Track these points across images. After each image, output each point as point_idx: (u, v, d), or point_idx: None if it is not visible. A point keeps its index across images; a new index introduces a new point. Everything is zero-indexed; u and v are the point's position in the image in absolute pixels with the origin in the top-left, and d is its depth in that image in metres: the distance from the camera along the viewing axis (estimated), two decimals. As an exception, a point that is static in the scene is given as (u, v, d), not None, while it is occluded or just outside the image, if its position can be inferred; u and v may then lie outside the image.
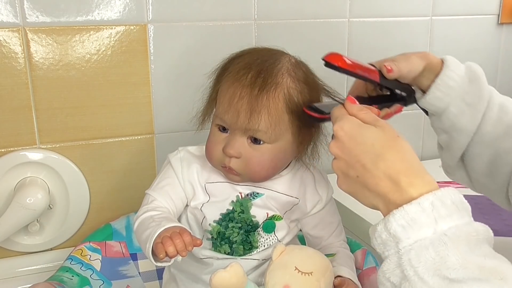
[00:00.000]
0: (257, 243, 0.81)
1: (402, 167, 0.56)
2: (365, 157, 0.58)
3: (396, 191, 0.55)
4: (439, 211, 0.52)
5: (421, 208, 0.52)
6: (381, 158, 0.56)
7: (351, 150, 0.59)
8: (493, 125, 0.77)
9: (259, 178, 0.79)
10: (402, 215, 0.53)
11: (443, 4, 1.34)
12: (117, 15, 1.03)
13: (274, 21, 1.16)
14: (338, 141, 0.61)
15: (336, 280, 0.77)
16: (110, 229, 1.03)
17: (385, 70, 0.73)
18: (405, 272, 0.51)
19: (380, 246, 0.55)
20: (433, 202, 0.53)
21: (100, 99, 1.06)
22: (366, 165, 0.57)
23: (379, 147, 0.57)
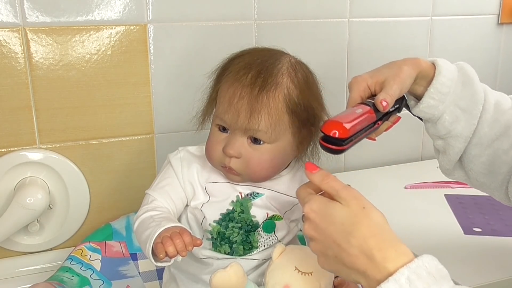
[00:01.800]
0: (257, 243, 0.81)
1: (373, 241, 0.56)
2: (338, 236, 0.58)
3: (373, 267, 0.55)
4: (416, 286, 0.52)
5: (398, 285, 0.52)
6: (352, 235, 0.57)
7: (324, 230, 0.60)
8: (489, 126, 0.77)
9: (259, 178, 0.79)
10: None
11: (443, 4, 1.34)
12: (117, 15, 1.03)
13: (274, 21, 1.17)
14: (312, 223, 0.61)
15: (336, 280, 0.77)
16: (110, 229, 1.03)
17: (381, 107, 0.71)
18: None
19: None
20: (408, 276, 0.53)
21: (100, 99, 1.06)
22: (340, 244, 0.58)
23: (348, 225, 0.58)
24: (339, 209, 0.59)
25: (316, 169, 0.64)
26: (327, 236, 0.59)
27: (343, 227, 0.58)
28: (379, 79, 0.74)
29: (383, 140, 0.71)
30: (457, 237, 0.99)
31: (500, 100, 0.78)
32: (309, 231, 0.62)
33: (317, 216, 0.61)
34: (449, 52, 1.38)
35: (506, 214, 1.09)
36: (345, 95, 1.27)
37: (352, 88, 0.75)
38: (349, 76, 1.27)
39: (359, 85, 0.74)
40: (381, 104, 0.71)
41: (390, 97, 0.72)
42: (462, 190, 1.22)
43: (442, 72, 0.75)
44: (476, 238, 0.99)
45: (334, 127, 0.63)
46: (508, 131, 0.76)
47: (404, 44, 1.32)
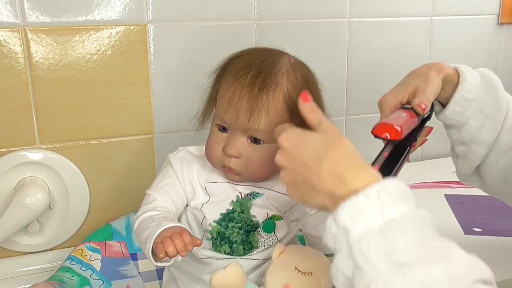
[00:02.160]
0: (257, 243, 0.81)
1: (345, 163, 0.57)
2: (310, 160, 0.58)
3: (342, 187, 0.56)
4: (385, 199, 0.53)
5: (368, 198, 0.53)
6: (325, 157, 0.57)
7: (296, 157, 0.60)
8: (508, 133, 0.77)
9: (259, 178, 0.79)
10: (350, 206, 0.53)
11: (443, 4, 1.34)
12: (117, 15, 1.03)
13: (274, 21, 1.17)
14: (284, 151, 0.61)
15: (336, 280, 0.77)
16: (110, 229, 1.03)
17: (420, 110, 0.72)
18: (357, 261, 0.52)
19: (331, 241, 0.56)
20: (378, 191, 0.53)
21: (100, 99, 1.06)
22: (311, 167, 0.58)
23: (321, 149, 0.58)
24: (316, 136, 0.60)
25: (309, 100, 0.64)
26: (298, 162, 0.59)
27: (316, 151, 0.58)
28: (409, 90, 0.75)
29: (383, 140, 0.71)
30: (457, 237, 0.98)
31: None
32: (280, 160, 0.62)
33: (291, 145, 0.61)
34: (449, 52, 1.38)
35: (506, 214, 1.09)
36: (345, 95, 1.27)
37: (383, 107, 0.76)
38: (349, 76, 1.27)
39: (390, 103, 0.75)
40: (419, 107, 0.71)
41: (426, 100, 0.72)
42: (462, 190, 1.22)
43: (467, 79, 0.76)
44: (476, 238, 0.99)
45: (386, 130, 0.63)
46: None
47: (404, 44, 1.32)
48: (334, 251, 0.56)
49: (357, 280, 0.52)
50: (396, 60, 1.32)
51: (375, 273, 0.51)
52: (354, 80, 1.28)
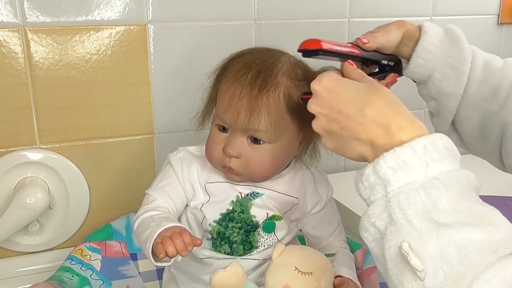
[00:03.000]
0: (257, 243, 0.81)
1: (390, 111, 0.54)
2: (348, 106, 0.55)
3: (385, 135, 0.53)
4: (431, 155, 0.51)
5: (413, 150, 0.51)
6: (367, 103, 0.54)
7: (331, 102, 0.57)
8: (478, 87, 0.77)
9: (259, 178, 0.79)
10: (393, 157, 0.51)
11: (443, 4, 1.34)
12: (117, 15, 1.03)
13: (274, 21, 1.17)
14: (317, 97, 0.58)
15: (336, 280, 0.77)
16: (110, 229, 1.03)
17: (361, 43, 0.74)
18: (393, 215, 0.50)
19: (367, 191, 0.53)
20: (425, 145, 0.51)
21: (100, 99, 1.06)
22: (350, 114, 0.55)
23: (364, 95, 0.55)
24: (355, 83, 0.57)
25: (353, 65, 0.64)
26: (333, 108, 0.56)
27: (358, 96, 0.55)
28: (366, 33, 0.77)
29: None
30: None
31: (490, 60, 0.78)
32: (312, 106, 0.58)
33: (324, 90, 0.58)
34: (449, 52, 1.38)
35: (506, 214, 1.09)
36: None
37: None
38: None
39: None
40: (360, 40, 0.74)
41: (372, 37, 0.74)
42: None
43: (428, 32, 0.76)
44: (476, 238, 0.98)
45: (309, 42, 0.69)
46: (497, 92, 0.76)
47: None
48: (367, 202, 0.54)
49: (389, 234, 0.50)
50: (396, 60, 1.32)
51: (411, 230, 0.48)
52: (354, 80, 1.28)
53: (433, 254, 0.47)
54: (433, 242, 0.47)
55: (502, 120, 0.75)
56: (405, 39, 0.77)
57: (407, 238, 0.48)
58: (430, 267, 0.47)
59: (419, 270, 0.47)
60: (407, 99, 0.92)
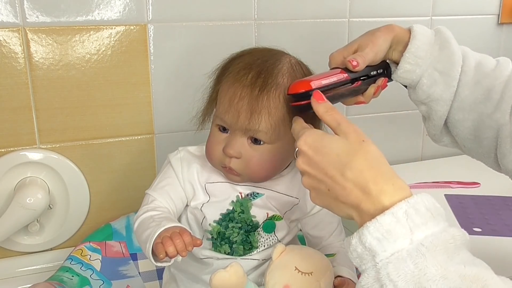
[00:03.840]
0: (257, 243, 0.81)
1: (370, 174, 0.54)
2: (332, 168, 0.56)
3: (367, 200, 0.53)
4: (413, 220, 0.50)
5: (395, 218, 0.50)
6: (348, 167, 0.55)
7: (318, 163, 0.57)
8: (470, 90, 0.76)
9: (259, 178, 0.79)
10: (376, 227, 0.51)
11: (443, 4, 1.34)
12: (117, 15, 1.03)
13: (274, 21, 1.16)
14: (304, 156, 0.59)
15: (336, 280, 0.77)
16: (110, 229, 1.03)
17: (351, 66, 0.72)
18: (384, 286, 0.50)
19: (357, 260, 0.54)
20: (406, 210, 0.51)
21: (100, 99, 1.05)
22: (334, 177, 0.56)
23: (344, 156, 0.55)
24: (336, 141, 0.57)
25: (322, 100, 0.62)
26: (320, 169, 0.57)
27: (338, 159, 0.56)
28: (353, 48, 0.75)
29: (384, 140, 0.71)
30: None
31: (482, 62, 0.77)
32: (301, 165, 0.59)
33: (310, 149, 0.58)
34: (449, 52, 1.38)
35: (506, 214, 1.09)
36: (345, 95, 1.27)
37: (330, 64, 0.76)
38: (349, 76, 1.27)
39: (336, 59, 0.75)
40: (350, 62, 0.72)
41: (360, 57, 0.72)
42: (462, 190, 1.22)
43: (417, 36, 0.75)
44: (476, 238, 0.98)
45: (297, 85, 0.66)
46: (490, 94, 0.75)
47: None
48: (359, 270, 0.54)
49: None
50: (396, 60, 1.32)
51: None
52: (354, 80, 1.28)
53: None
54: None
55: (497, 122, 0.74)
56: (394, 44, 0.76)
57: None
58: None
59: None
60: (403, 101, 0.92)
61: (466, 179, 1.24)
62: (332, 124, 0.59)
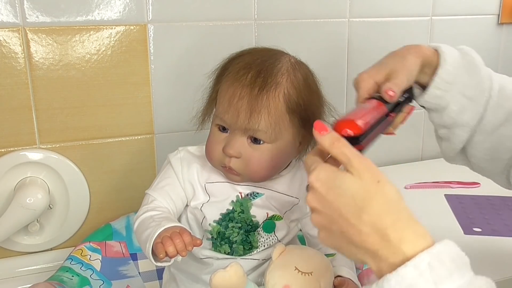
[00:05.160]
0: (257, 243, 0.81)
1: (388, 220, 0.50)
2: (347, 211, 0.52)
3: (386, 247, 0.50)
4: (438, 273, 0.47)
5: (418, 271, 0.47)
6: (364, 211, 0.51)
7: (331, 203, 0.53)
8: (493, 113, 0.75)
9: (259, 178, 0.79)
10: (397, 281, 0.47)
11: (443, 4, 1.34)
12: (117, 15, 1.03)
13: (274, 21, 1.16)
14: (316, 193, 0.55)
15: (336, 280, 0.77)
16: (110, 229, 1.03)
17: (388, 97, 0.68)
18: None
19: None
20: (430, 262, 0.47)
21: (100, 99, 1.05)
22: (349, 220, 0.51)
23: (360, 200, 0.51)
24: (350, 181, 0.52)
25: (326, 130, 0.57)
26: (334, 209, 0.53)
27: (354, 202, 0.51)
28: (385, 71, 0.71)
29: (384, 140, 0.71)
30: (457, 237, 0.98)
31: (503, 84, 0.76)
32: (313, 202, 0.55)
33: (323, 186, 0.54)
34: (449, 52, 1.38)
35: (506, 214, 1.09)
36: (345, 95, 1.27)
37: (359, 86, 0.71)
38: (349, 76, 1.27)
39: (366, 83, 0.71)
40: (387, 94, 0.67)
41: (396, 86, 0.68)
42: (462, 190, 1.22)
43: (447, 60, 0.72)
44: (476, 238, 0.99)
45: (346, 126, 0.58)
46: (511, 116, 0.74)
47: (404, 44, 1.31)
48: None
49: None
50: (396, 60, 1.32)
51: None
52: (354, 80, 1.28)
53: None
54: None
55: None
56: (422, 66, 0.73)
57: None
58: None
59: None
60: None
61: (466, 179, 1.24)
62: (342, 159, 0.55)
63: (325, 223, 0.54)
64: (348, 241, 0.52)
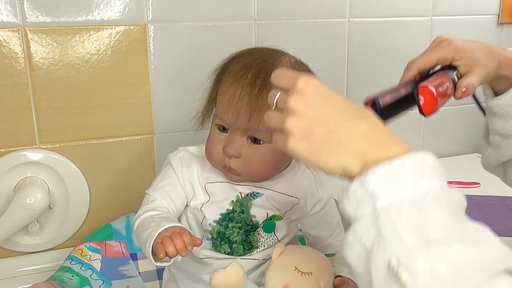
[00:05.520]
0: (257, 243, 0.81)
1: (383, 127, 0.53)
2: (343, 113, 0.53)
3: (377, 148, 0.51)
4: (421, 171, 0.50)
5: (403, 166, 0.49)
6: (362, 116, 0.53)
7: (324, 104, 0.53)
8: None
9: (259, 178, 0.79)
10: (383, 172, 0.49)
11: (443, 4, 1.34)
12: (117, 15, 1.03)
13: (274, 21, 1.17)
14: (304, 95, 0.53)
15: (336, 280, 0.77)
16: (110, 229, 1.03)
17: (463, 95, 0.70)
18: (382, 230, 0.48)
19: (353, 206, 0.51)
20: (415, 161, 0.50)
21: (100, 99, 1.06)
22: (344, 121, 0.52)
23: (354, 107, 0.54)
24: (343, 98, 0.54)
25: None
26: (325, 110, 0.52)
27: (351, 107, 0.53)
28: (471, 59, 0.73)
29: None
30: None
31: None
32: (296, 105, 0.52)
33: (314, 90, 0.53)
34: (449, 52, 1.37)
35: (506, 214, 1.09)
36: (345, 95, 1.27)
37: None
38: (349, 76, 1.27)
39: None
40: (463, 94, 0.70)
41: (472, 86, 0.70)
42: (462, 190, 1.22)
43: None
44: (476, 238, 0.98)
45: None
46: None
47: (404, 44, 1.32)
48: (351, 218, 0.51)
49: (376, 250, 0.48)
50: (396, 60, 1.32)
51: (400, 245, 0.47)
52: (354, 80, 1.28)
53: (424, 271, 0.46)
54: (424, 259, 0.46)
55: None
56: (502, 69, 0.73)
57: (396, 253, 0.47)
58: (420, 283, 0.45)
59: (410, 286, 0.45)
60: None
61: (466, 179, 1.24)
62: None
63: (306, 126, 0.53)
64: (335, 143, 0.52)
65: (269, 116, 0.56)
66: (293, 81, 0.54)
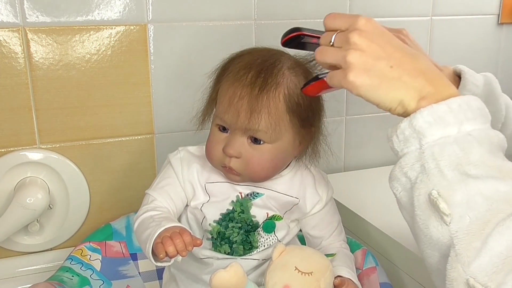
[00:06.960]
0: (257, 243, 0.81)
1: (437, 71, 0.57)
2: (404, 49, 0.57)
3: (432, 86, 0.55)
4: (465, 113, 0.54)
5: (449, 108, 0.53)
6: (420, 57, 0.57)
7: (386, 40, 0.57)
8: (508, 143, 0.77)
9: (259, 178, 0.79)
10: (430, 112, 0.54)
11: (443, 4, 1.34)
12: (117, 15, 1.03)
13: (274, 21, 1.16)
14: (366, 32, 0.57)
15: (336, 280, 0.77)
16: (110, 229, 1.03)
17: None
18: (425, 165, 0.53)
19: (401, 144, 0.56)
20: (460, 104, 0.54)
21: (100, 99, 1.06)
22: (406, 56, 0.56)
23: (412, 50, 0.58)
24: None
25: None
26: (388, 45, 0.57)
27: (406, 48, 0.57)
28: None
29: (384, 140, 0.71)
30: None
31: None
32: (360, 39, 0.56)
33: (376, 28, 0.57)
34: (449, 52, 1.38)
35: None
36: (345, 95, 1.27)
37: None
38: (349, 76, 1.27)
39: None
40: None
41: None
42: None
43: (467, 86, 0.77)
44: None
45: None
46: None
47: (404, 44, 1.32)
48: (398, 154, 0.56)
49: (420, 183, 0.53)
50: (396, 60, 1.32)
51: (441, 179, 0.51)
52: (354, 80, 1.28)
53: (461, 202, 0.50)
54: (461, 191, 0.50)
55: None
56: None
57: (437, 186, 0.51)
58: (456, 213, 0.50)
59: (447, 215, 0.50)
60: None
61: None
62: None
63: (368, 60, 0.56)
64: (395, 78, 0.55)
65: (325, 52, 0.60)
66: (352, 20, 0.59)
